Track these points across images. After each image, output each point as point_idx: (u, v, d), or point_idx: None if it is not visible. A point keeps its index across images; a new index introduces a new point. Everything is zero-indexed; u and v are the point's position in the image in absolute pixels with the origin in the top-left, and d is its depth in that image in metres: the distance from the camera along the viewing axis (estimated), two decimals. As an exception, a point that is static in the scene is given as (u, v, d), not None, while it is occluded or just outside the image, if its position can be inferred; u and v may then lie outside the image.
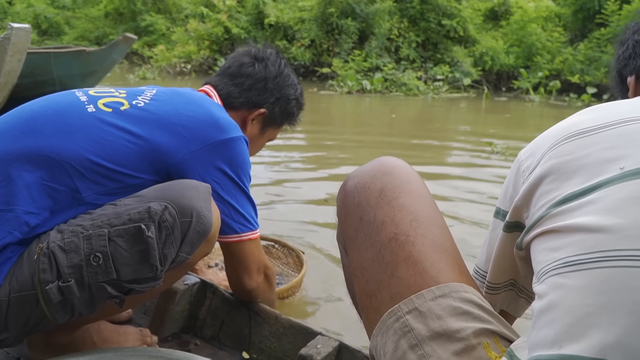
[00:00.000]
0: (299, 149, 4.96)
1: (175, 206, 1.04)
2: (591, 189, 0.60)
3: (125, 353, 1.09)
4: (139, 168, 1.14)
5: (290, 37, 12.45)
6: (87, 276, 0.99)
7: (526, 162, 0.72)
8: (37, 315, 1.03)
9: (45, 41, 15.81)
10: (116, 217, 1.02)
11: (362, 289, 0.79)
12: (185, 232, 1.06)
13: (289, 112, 1.53)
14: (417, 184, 0.84)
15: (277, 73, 1.48)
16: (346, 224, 0.85)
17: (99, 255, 0.99)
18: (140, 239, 1.00)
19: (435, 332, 0.67)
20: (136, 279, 1.01)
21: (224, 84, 1.46)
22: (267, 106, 1.47)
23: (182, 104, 1.23)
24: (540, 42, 11.28)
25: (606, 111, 0.69)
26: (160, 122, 1.17)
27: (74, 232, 1.02)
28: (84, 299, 1.01)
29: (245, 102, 1.45)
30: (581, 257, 0.57)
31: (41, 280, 0.99)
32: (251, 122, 1.47)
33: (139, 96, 1.23)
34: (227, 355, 1.43)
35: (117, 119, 1.15)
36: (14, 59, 4.73)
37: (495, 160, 4.65)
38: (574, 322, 0.54)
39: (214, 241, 1.20)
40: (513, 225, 0.74)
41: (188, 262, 1.13)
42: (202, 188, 1.13)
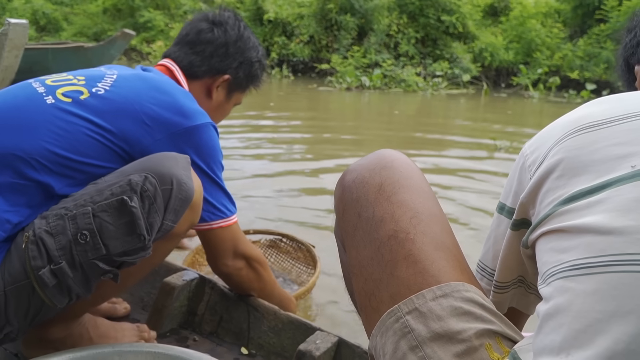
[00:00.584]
0: (299, 143, 4.94)
1: (154, 175, 1.05)
2: (600, 187, 0.58)
3: (123, 349, 1.08)
4: (104, 158, 1.13)
5: (289, 33, 12.42)
6: (77, 255, 0.99)
7: (532, 156, 0.69)
8: (36, 304, 1.03)
9: (43, 37, 15.76)
10: (98, 194, 1.03)
11: (361, 288, 0.77)
12: (168, 199, 1.06)
13: (253, 75, 1.50)
14: (417, 178, 0.82)
15: (238, 37, 1.44)
16: (344, 220, 0.83)
17: (86, 233, 0.99)
18: (124, 211, 1.00)
19: (436, 333, 0.65)
20: (126, 251, 1.02)
21: (183, 54, 1.41)
22: (230, 72, 1.44)
23: (145, 89, 1.20)
24: (539, 38, 11.27)
25: (616, 103, 0.66)
26: (122, 111, 1.15)
27: (58, 215, 1.02)
28: (78, 278, 1.01)
29: (208, 69, 1.41)
30: (590, 260, 0.54)
31: (33, 267, 0.99)
32: (216, 90, 1.44)
33: (99, 83, 1.19)
34: (226, 350, 1.42)
35: (77, 109, 1.13)
36: (11, 54, 4.72)
37: (500, 155, 4.65)
38: (582, 329, 0.52)
39: (199, 209, 1.19)
40: (520, 223, 0.72)
41: (175, 231, 1.13)
42: (181, 158, 1.12)
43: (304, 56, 11.97)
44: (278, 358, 1.39)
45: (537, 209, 0.66)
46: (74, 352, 1.06)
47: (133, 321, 1.49)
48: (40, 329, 1.19)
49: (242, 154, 4.21)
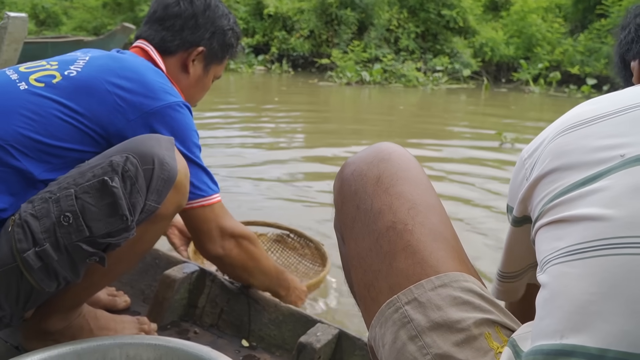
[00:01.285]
0: (299, 136, 4.94)
1: (136, 155, 1.04)
2: (592, 178, 0.59)
3: (124, 341, 1.08)
4: (78, 141, 1.12)
5: (289, 28, 12.40)
6: (61, 237, 0.99)
7: (529, 160, 0.72)
8: (26, 288, 1.03)
9: (43, 31, 15.72)
10: (80, 176, 1.03)
11: (360, 279, 0.77)
12: (150, 179, 1.06)
13: (227, 43, 1.47)
14: (415, 170, 0.82)
15: (205, 6, 1.42)
16: (343, 213, 0.84)
17: (69, 215, 0.99)
18: (106, 191, 1.00)
19: (435, 323, 0.66)
20: (109, 232, 1.01)
21: (154, 31, 1.40)
22: (203, 43, 1.41)
23: (117, 70, 1.19)
24: (540, 33, 11.25)
25: (607, 101, 0.68)
26: (94, 92, 1.15)
27: (43, 198, 1.02)
28: (63, 261, 1.01)
29: (181, 43, 1.40)
30: (584, 245, 0.56)
31: (18, 249, 0.99)
32: (192, 64, 1.42)
33: (71, 66, 1.19)
34: (227, 343, 1.42)
35: (49, 92, 1.13)
36: (10, 48, 4.70)
37: (507, 151, 4.65)
38: (577, 311, 0.53)
39: (184, 191, 1.18)
40: (521, 220, 0.74)
41: (160, 212, 1.12)
42: (164, 138, 1.12)
43: (304, 51, 11.95)
44: (279, 350, 1.39)
45: (534, 204, 0.67)
46: (74, 344, 1.06)
47: (133, 314, 1.49)
48: (39, 320, 1.20)
49: (252, 142, 4.22)
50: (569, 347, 0.51)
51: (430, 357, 0.64)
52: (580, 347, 0.51)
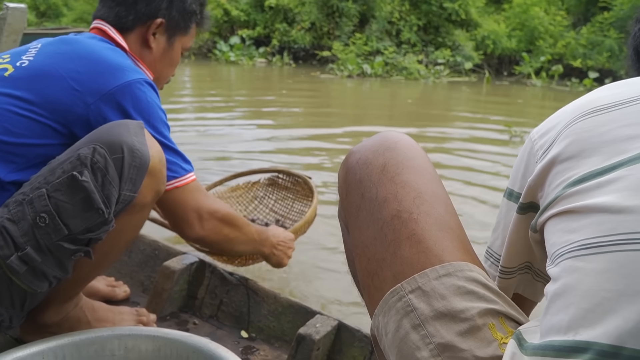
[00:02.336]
0: (300, 130, 4.93)
1: (103, 145, 1.00)
2: (611, 168, 0.57)
3: (122, 332, 1.08)
4: (39, 134, 1.08)
5: (290, 20, 12.35)
6: (41, 239, 0.97)
7: (540, 140, 0.69)
8: (18, 291, 1.02)
9: (43, 23, 15.67)
10: (51, 174, 1.00)
11: (364, 268, 0.76)
12: (121, 168, 1.02)
13: (188, 11, 1.36)
14: (420, 159, 0.81)
15: None
16: (348, 201, 0.83)
17: (44, 215, 0.97)
18: (77, 187, 0.97)
19: (439, 312, 0.65)
20: (88, 227, 0.99)
21: (108, 8, 1.32)
22: (161, 14, 1.31)
23: (70, 53, 1.15)
24: (542, 25, 11.21)
25: (626, 87, 0.66)
26: (49, 79, 1.10)
27: (17, 201, 1.00)
28: (49, 262, 0.99)
29: (137, 17, 1.30)
30: (600, 239, 0.54)
31: (1, 256, 0.97)
32: (153, 38, 1.33)
33: (23, 56, 1.15)
34: (226, 334, 1.42)
35: (2, 86, 1.09)
36: (9, 39, 4.67)
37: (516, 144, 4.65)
38: (591, 308, 0.52)
39: (161, 176, 1.13)
40: (527, 206, 0.71)
41: (138, 201, 1.09)
42: (133, 124, 1.07)
43: (305, 43, 11.91)
44: (278, 341, 1.39)
45: (546, 191, 0.65)
46: (72, 335, 1.06)
47: (133, 305, 1.49)
48: (36, 314, 1.19)
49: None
50: (583, 343, 0.50)
51: (433, 347, 0.64)
52: (594, 343, 0.50)
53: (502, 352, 0.61)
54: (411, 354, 0.65)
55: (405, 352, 0.66)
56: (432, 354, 0.64)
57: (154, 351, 1.07)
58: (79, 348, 1.05)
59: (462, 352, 0.62)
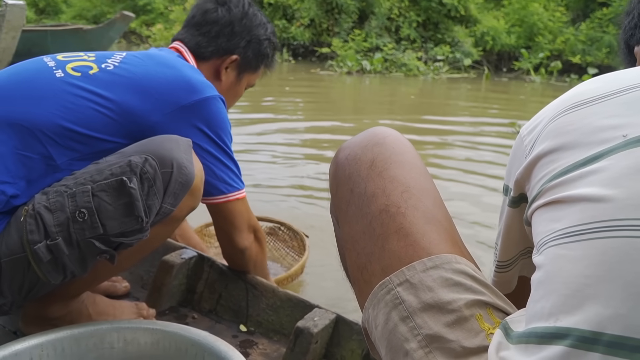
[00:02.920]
0: (299, 125, 4.94)
1: (155, 158, 1.04)
2: (593, 159, 0.58)
3: (121, 325, 1.09)
4: (111, 132, 1.13)
5: (289, 17, 12.33)
6: (75, 233, 0.99)
7: (528, 137, 0.70)
8: (31, 279, 1.04)
9: (42, 20, 15.65)
10: (98, 173, 1.03)
11: (354, 262, 0.78)
12: (167, 182, 1.06)
13: (262, 54, 1.48)
14: (409, 154, 0.82)
15: (242, 14, 1.43)
16: (338, 197, 0.84)
17: (84, 211, 0.99)
18: (123, 191, 1.00)
19: (427, 304, 0.66)
20: (123, 232, 1.01)
21: (190, 35, 1.41)
22: (238, 51, 1.42)
23: (153, 66, 1.21)
24: (542, 22, 11.20)
25: (609, 80, 0.67)
26: (131, 85, 1.15)
27: (58, 192, 1.02)
28: (73, 256, 1.01)
29: (215, 50, 1.41)
30: (581, 227, 0.55)
31: (29, 240, 0.99)
32: (225, 71, 1.43)
33: (108, 59, 1.20)
34: (225, 328, 1.43)
35: (86, 83, 1.13)
36: (8, 36, 4.70)
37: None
38: (571, 294, 0.52)
39: (199, 194, 1.18)
40: (518, 199, 0.72)
41: (174, 215, 1.13)
42: (182, 141, 1.12)
43: (304, 40, 11.89)
44: (276, 335, 1.40)
45: (532, 183, 0.66)
46: (71, 328, 1.07)
47: (133, 299, 1.50)
48: (40, 306, 1.20)
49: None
50: (563, 329, 0.51)
51: (421, 338, 0.64)
52: (574, 329, 0.50)
53: (489, 343, 0.62)
54: (400, 346, 0.66)
55: (394, 344, 0.67)
56: (420, 345, 0.64)
57: (152, 344, 1.08)
58: (78, 341, 1.06)
59: (450, 342, 0.63)
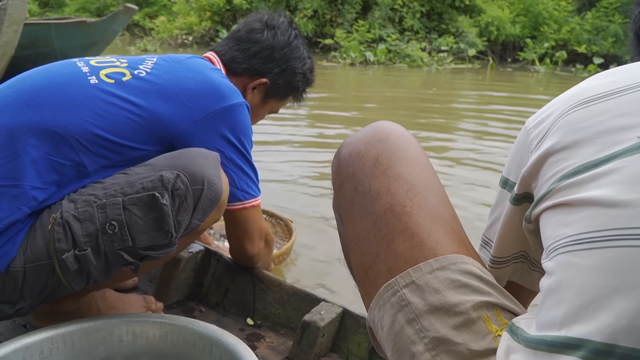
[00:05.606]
0: (300, 119, 4.93)
1: (187, 174, 1.05)
2: (605, 160, 0.56)
3: (130, 319, 1.10)
4: (142, 140, 1.14)
5: (292, 8, 12.27)
6: (103, 244, 1.00)
7: (534, 130, 0.67)
8: (53, 284, 1.05)
9: (46, 13, 15.64)
10: (129, 186, 1.03)
11: (359, 262, 0.76)
12: (198, 199, 1.07)
13: (293, 85, 1.49)
14: (414, 150, 0.80)
15: (286, 43, 1.44)
16: (341, 194, 0.82)
17: (115, 223, 1.00)
18: (154, 207, 1.01)
19: (433, 306, 0.65)
20: (151, 245, 1.03)
21: (228, 48, 1.43)
22: (270, 76, 1.44)
23: (183, 72, 1.22)
24: (547, 11, 11.10)
25: (621, 75, 0.64)
26: (162, 92, 1.17)
27: (87, 201, 1.03)
28: (100, 266, 1.02)
29: (248, 68, 1.42)
30: (593, 234, 0.53)
31: (57, 249, 1.00)
32: (251, 91, 1.44)
33: (140, 65, 1.22)
34: (232, 321, 1.44)
35: (119, 90, 1.14)
36: (10, 29, 4.68)
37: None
38: (584, 304, 0.51)
39: (224, 207, 1.21)
40: (521, 197, 0.69)
41: (199, 228, 1.15)
42: (212, 156, 1.14)
43: (307, 31, 11.83)
44: (283, 328, 1.41)
45: (540, 182, 0.64)
46: (81, 322, 1.08)
47: (140, 293, 1.51)
48: (51, 302, 1.21)
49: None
50: (575, 340, 0.50)
51: (427, 341, 0.64)
52: (587, 341, 0.49)
53: (497, 345, 0.61)
54: (406, 348, 0.66)
55: (400, 346, 0.67)
56: (427, 347, 0.64)
57: (161, 337, 1.09)
58: (88, 334, 1.07)
59: (457, 345, 0.62)
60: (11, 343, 0.98)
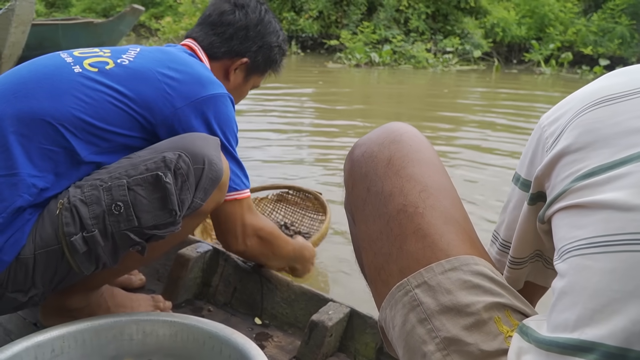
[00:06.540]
0: (309, 119, 4.94)
1: (188, 154, 1.08)
2: (621, 162, 0.55)
3: (140, 317, 1.11)
4: (126, 126, 1.16)
5: (298, 9, 12.29)
6: (110, 225, 1.03)
7: (549, 128, 0.67)
8: (63, 269, 1.07)
9: (53, 13, 15.71)
10: (133, 168, 1.06)
11: (371, 262, 0.77)
12: (199, 178, 1.10)
13: (271, 59, 1.52)
14: (426, 151, 0.81)
15: (258, 20, 1.46)
16: (354, 194, 0.83)
17: (120, 204, 1.02)
18: (158, 186, 1.04)
19: (445, 307, 0.65)
20: (156, 225, 1.05)
21: (204, 33, 1.45)
22: (249, 55, 1.46)
23: (166, 61, 1.24)
24: (553, 12, 11.08)
25: (637, 74, 0.64)
26: (145, 80, 1.19)
27: (93, 185, 1.05)
28: (107, 248, 1.04)
29: (228, 51, 1.44)
30: (608, 238, 0.53)
31: (65, 233, 1.02)
32: (234, 72, 1.47)
33: (123, 55, 1.24)
34: (240, 321, 1.45)
35: (103, 77, 1.16)
36: (18, 30, 4.71)
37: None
38: (598, 308, 0.51)
39: (225, 189, 1.23)
40: (536, 197, 0.69)
41: (202, 209, 1.16)
42: (211, 139, 1.17)
43: (312, 32, 11.85)
44: (291, 328, 1.41)
45: (553, 182, 0.64)
46: (92, 320, 1.09)
47: (149, 292, 1.52)
48: (59, 298, 1.23)
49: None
50: (588, 343, 0.50)
51: (439, 341, 0.64)
52: (600, 344, 0.50)
53: (507, 346, 0.62)
54: (418, 348, 0.66)
55: (412, 346, 0.67)
56: (438, 347, 0.64)
57: (171, 336, 1.09)
58: (98, 332, 1.08)
59: (468, 346, 0.63)
60: (23, 341, 0.99)
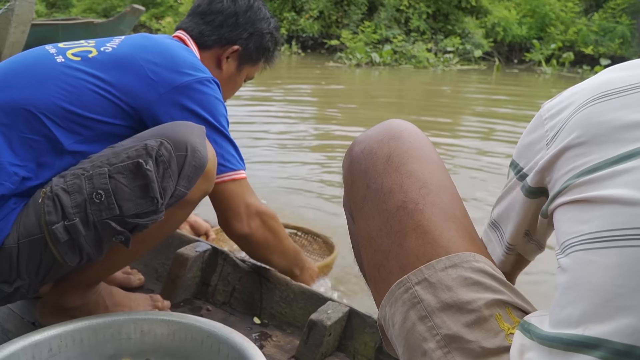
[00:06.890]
0: (307, 119, 4.94)
1: (170, 141, 1.07)
2: (625, 157, 0.55)
3: (138, 316, 1.11)
4: (110, 114, 1.15)
5: (298, 9, 12.29)
6: (91, 214, 1.02)
7: (550, 121, 0.67)
8: (48, 260, 1.06)
9: (53, 13, 15.73)
10: (115, 156, 1.05)
11: (370, 259, 0.77)
12: (182, 165, 1.08)
13: (264, 47, 1.50)
14: (426, 148, 0.80)
15: (247, 7, 1.46)
16: (353, 191, 0.83)
17: (101, 192, 1.02)
18: (139, 173, 1.03)
19: (445, 304, 0.65)
20: (138, 213, 1.04)
21: (194, 24, 1.44)
22: (240, 42, 1.45)
23: (150, 47, 1.24)
24: (554, 12, 11.08)
25: (639, 69, 0.63)
26: (128, 66, 1.18)
27: (75, 174, 1.05)
28: (90, 237, 1.03)
29: (218, 39, 1.43)
30: (613, 232, 0.52)
31: (47, 221, 1.02)
32: (226, 60, 1.46)
33: (107, 43, 1.24)
34: (239, 320, 1.44)
35: (85, 66, 1.16)
36: (18, 30, 4.72)
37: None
38: (602, 303, 0.51)
39: (212, 178, 1.20)
40: (537, 191, 0.69)
41: (188, 198, 1.14)
42: (196, 127, 1.15)
43: (313, 32, 11.86)
44: (290, 327, 1.41)
45: (555, 176, 0.64)
46: (89, 319, 1.08)
47: (147, 292, 1.51)
48: (57, 297, 1.22)
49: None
50: (593, 340, 0.50)
51: (439, 338, 0.64)
52: (605, 341, 0.49)
53: (509, 343, 0.62)
54: (418, 345, 0.66)
55: (412, 343, 0.67)
56: (438, 345, 0.64)
57: (169, 335, 1.09)
58: (96, 331, 1.08)
59: (469, 343, 0.62)
60: (20, 340, 0.99)
